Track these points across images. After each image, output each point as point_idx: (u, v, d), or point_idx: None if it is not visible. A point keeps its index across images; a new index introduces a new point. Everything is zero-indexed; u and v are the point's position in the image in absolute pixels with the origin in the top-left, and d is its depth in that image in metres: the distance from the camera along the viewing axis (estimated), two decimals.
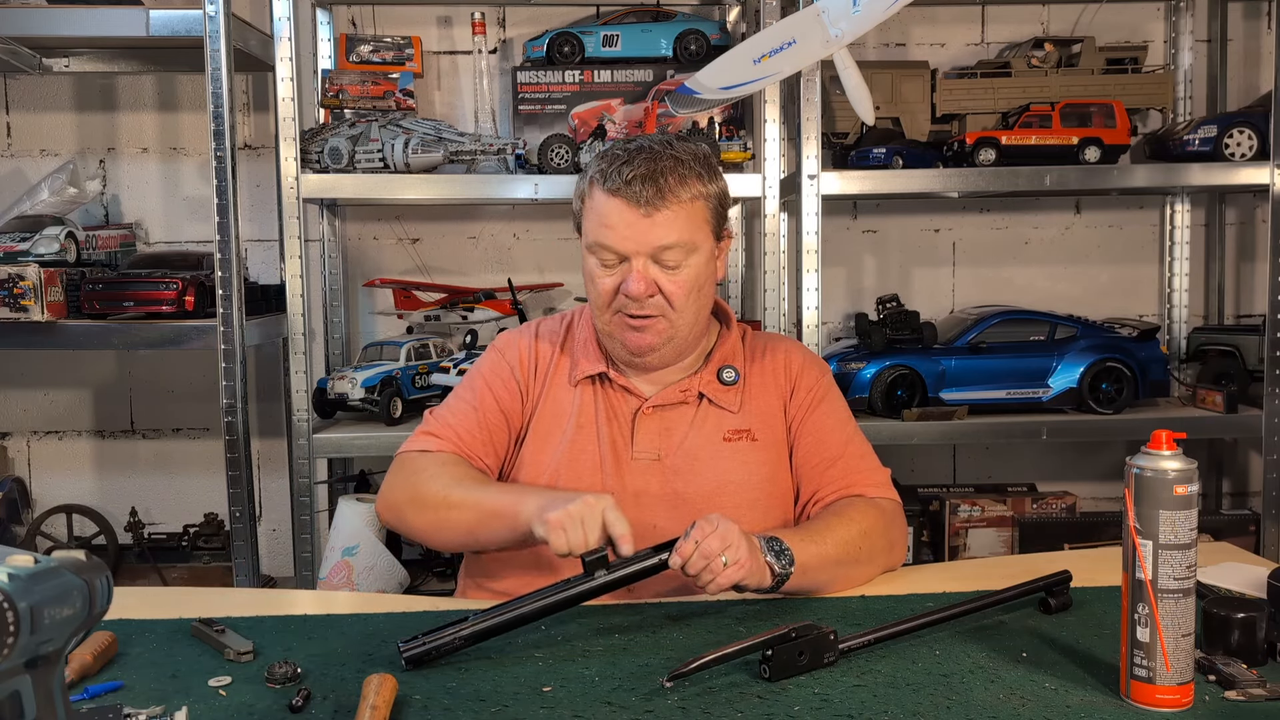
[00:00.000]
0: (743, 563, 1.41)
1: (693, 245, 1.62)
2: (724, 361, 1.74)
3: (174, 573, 2.89)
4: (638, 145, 1.63)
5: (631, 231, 1.59)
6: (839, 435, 1.73)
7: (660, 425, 1.70)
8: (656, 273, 1.61)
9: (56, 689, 0.82)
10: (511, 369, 1.75)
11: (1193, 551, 1.16)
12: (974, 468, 3.19)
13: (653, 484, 1.67)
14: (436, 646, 1.30)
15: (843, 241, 3.12)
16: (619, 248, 1.61)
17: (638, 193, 1.58)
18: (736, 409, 1.71)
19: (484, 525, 1.58)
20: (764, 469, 1.70)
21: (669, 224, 1.59)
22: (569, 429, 1.70)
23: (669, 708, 1.18)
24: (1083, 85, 2.81)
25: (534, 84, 2.86)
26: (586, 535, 1.41)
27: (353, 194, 2.67)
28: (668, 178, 1.59)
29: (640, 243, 1.60)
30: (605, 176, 1.61)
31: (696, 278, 1.63)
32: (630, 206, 1.59)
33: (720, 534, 1.41)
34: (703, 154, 1.66)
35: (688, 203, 1.60)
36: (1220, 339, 2.94)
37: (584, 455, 1.68)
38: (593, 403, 1.71)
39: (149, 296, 2.57)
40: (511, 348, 1.77)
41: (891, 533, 1.66)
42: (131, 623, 1.43)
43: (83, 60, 2.91)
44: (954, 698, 1.20)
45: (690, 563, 1.40)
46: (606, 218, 1.61)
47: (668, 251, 1.60)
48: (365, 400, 2.64)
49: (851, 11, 2.31)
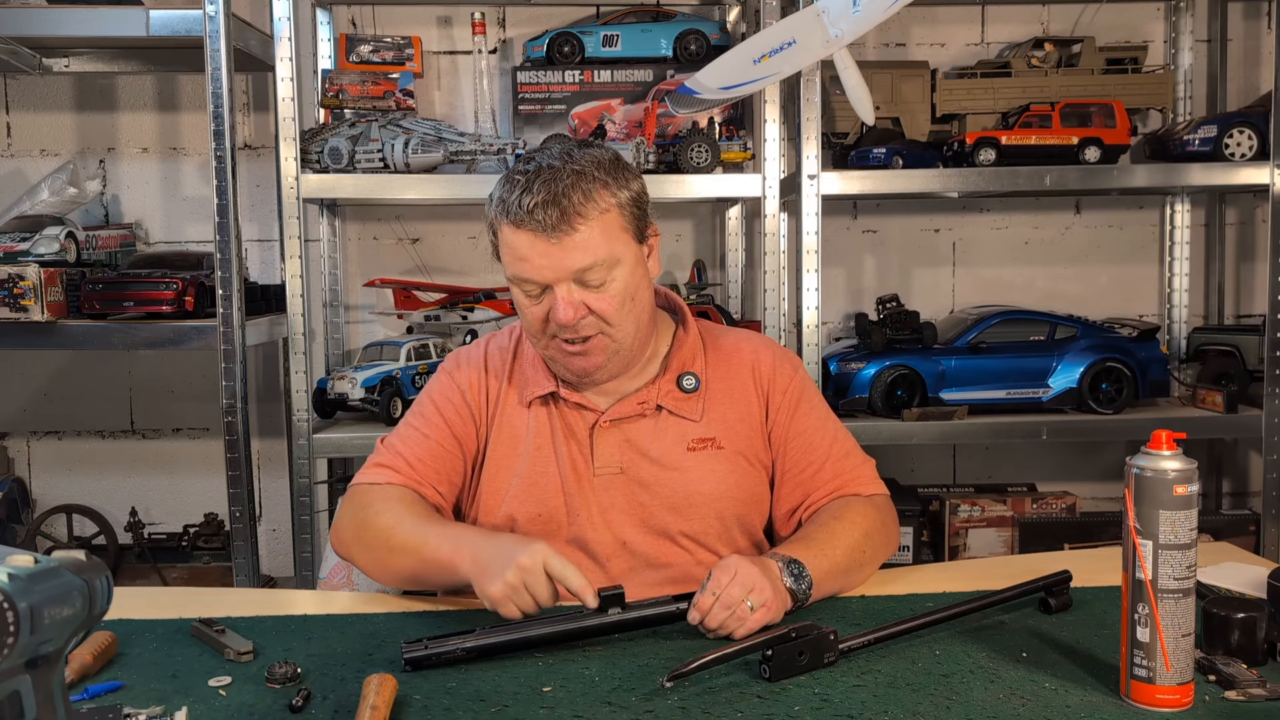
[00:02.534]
0: (769, 604, 1.37)
1: (613, 259, 1.54)
2: (683, 367, 1.67)
3: (174, 573, 2.89)
4: (536, 166, 1.53)
5: (546, 260, 1.51)
6: (823, 436, 1.69)
7: (620, 437, 1.64)
8: (583, 294, 1.53)
9: (56, 689, 0.82)
10: (463, 392, 1.68)
11: (1193, 551, 1.16)
12: (974, 468, 3.19)
13: (618, 499, 1.63)
14: (439, 653, 1.29)
15: (843, 241, 3.12)
16: (537, 278, 1.53)
17: (542, 220, 1.49)
18: (698, 417, 1.65)
19: (425, 571, 1.52)
20: (732, 476, 1.65)
21: (582, 246, 1.51)
22: (526, 450, 1.65)
23: (669, 708, 1.18)
24: (1083, 85, 2.81)
25: (534, 84, 2.86)
26: (536, 597, 1.36)
27: (353, 194, 2.67)
28: (571, 197, 1.50)
29: (557, 270, 1.52)
30: (508, 210, 1.52)
31: (626, 289, 1.56)
32: (538, 236, 1.50)
33: (740, 580, 1.36)
34: (608, 160, 1.57)
35: (597, 219, 1.52)
36: (1220, 339, 2.94)
37: (544, 477, 1.64)
38: (548, 422, 1.66)
39: (149, 296, 2.57)
40: (461, 370, 1.71)
41: (889, 528, 1.66)
42: (131, 623, 1.44)
43: (83, 60, 2.91)
44: (954, 698, 1.20)
45: (710, 616, 1.35)
46: (517, 250, 1.53)
47: (589, 272, 1.52)
48: (365, 400, 2.64)
49: (851, 11, 2.32)
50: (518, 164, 1.58)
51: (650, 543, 1.64)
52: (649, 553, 1.63)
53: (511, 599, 1.36)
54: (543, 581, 1.36)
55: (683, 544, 1.64)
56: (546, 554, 1.37)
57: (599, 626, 1.36)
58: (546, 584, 1.36)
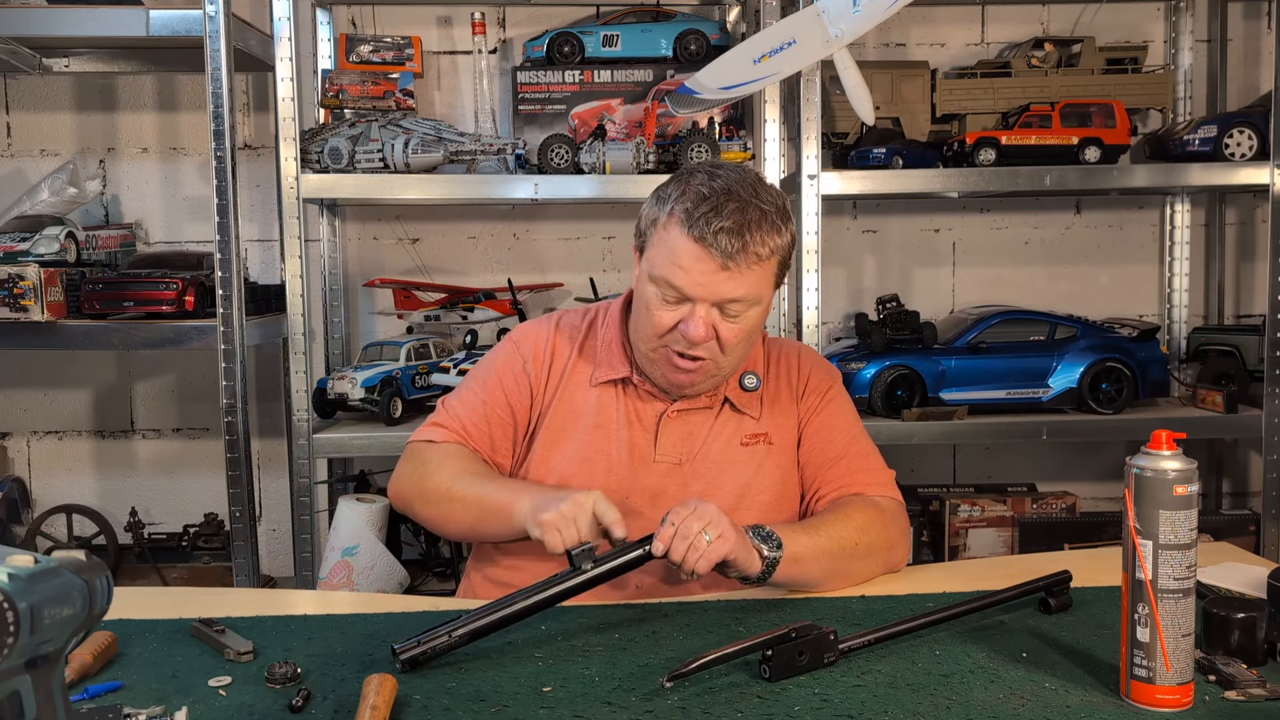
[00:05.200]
0: (726, 535, 1.41)
1: (758, 298, 1.59)
2: (746, 367, 1.73)
3: (174, 573, 2.89)
4: (725, 188, 1.55)
5: (706, 280, 1.54)
6: (844, 435, 1.73)
7: (683, 429, 1.70)
8: (717, 318, 1.58)
9: (56, 689, 0.82)
10: (525, 364, 1.74)
11: (1193, 551, 1.16)
12: (974, 468, 3.19)
13: (671, 487, 1.67)
14: (431, 647, 1.30)
15: (843, 241, 3.12)
16: (689, 292, 1.56)
17: (724, 246, 1.52)
18: (758, 414, 1.72)
19: (484, 521, 1.60)
20: (778, 473, 1.71)
21: (743, 279, 1.55)
22: (584, 429, 1.69)
23: (669, 708, 1.18)
24: (1083, 85, 2.81)
25: (534, 84, 2.86)
26: (580, 531, 1.43)
27: (353, 194, 2.67)
28: (753, 233, 1.53)
29: (711, 292, 1.55)
30: (691, 220, 1.53)
31: (754, 327, 1.62)
32: (710, 256, 1.53)
33: (698, 514, 1.42)
34: (783, 203, 1.60)
35: (766, 260, 1.56)
36: (1220, 339, 2.94)
37: (599, 456, 1.68)
38: (614, 405, 1.71)
39: (149, 296, 2.57)
40: (527, 342, 1.76)
41: (891, 531, 1.65)
42: (131, 623, 1.43)
43: (83, 60, 2.91)
44: (954, 698, 1.20)
45: (673, 549, 1.40)
46: (681, 259, 1.55)
47: (735, 304, 1.57)
48: (365, 400, 2.64)
49: (851, 11, 2.31)
50: (699, 173, 1.59)
51: None
52: None
53: (559, 526, 1.43)
54: (589, 519, 1.44)
55: None
56: (599, 495, 1.47)
57: (578, 585, 1.39)
58: (591, 520, 1.44)
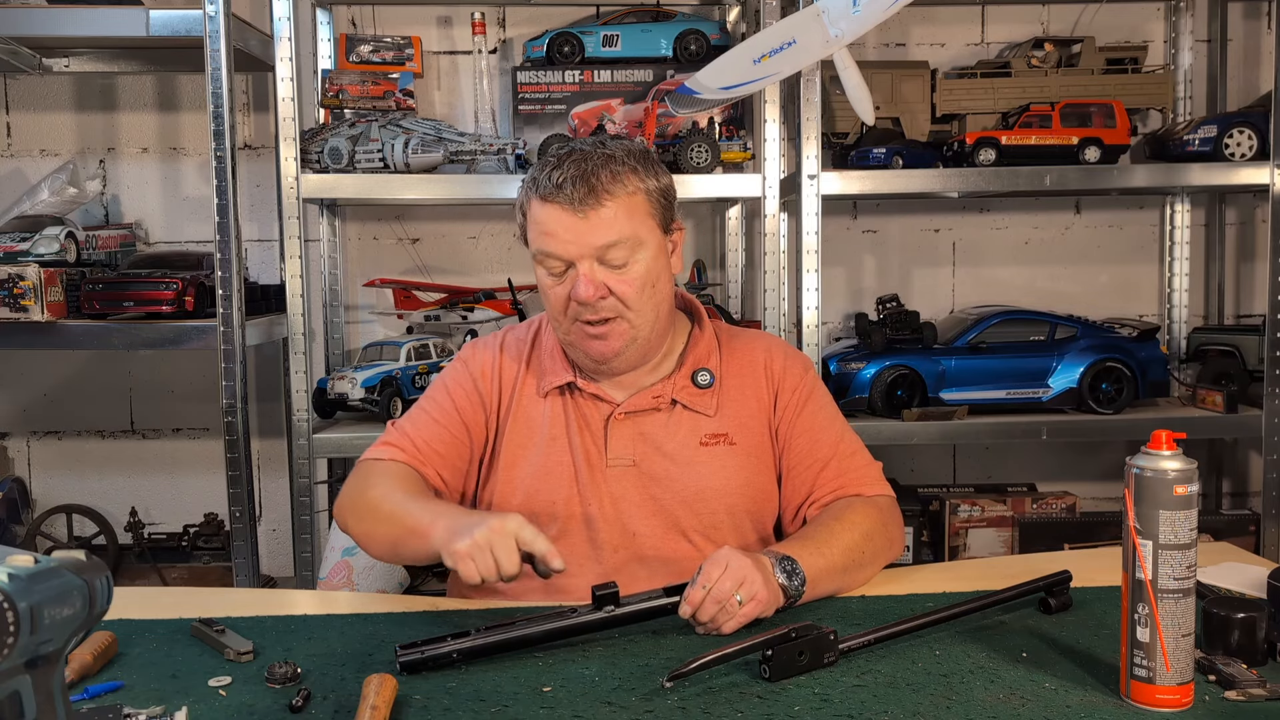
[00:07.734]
0: (759, 598, 1.38)
1: (637, 240, 1.58)
2: (698, 364, 1.70)
3: (174, 573, 2.88)
4: (569, 149, 1.60)
5: (570, 235, 1.55)
6: (829, 434, 1.71)
7: (634, 430, 1.67)
8: (605, 274, 1.57)
9: (56, 689, 0.82)
10: (475, 381, 1.72)
11: (1193, 551, 1.16)
12: (974, 468, 3.19)
13: (630, 490, 1.65)
14: (433, 657, 1.29)
15: (843, 241, 3.12)
16: (561, 253, 1.57)
17: (570, 194, 1.54)
18: (713, 412, 1.68)
19: (403, 541, 1.54)
20: (742, 473, 1.68)
21: (608, 222, 1.55)
22: (541, 443, 1.68)
23: (669, 708, 1.18)
24: (1083, 85, 2.81)
25: (534, 84, 2.86)
26: (498, 562, 1.35)
27: (353, 194, 2.67)
28: (600, 175, 1.55)
29: (581, 245, 1.56)
30: (537, 184, 1.58)
31: (648, 274, 1.59)
32: (565, 210, 1.55)
33: (732, 573, 1.37)
34: (638, 150, 1.63)
35: (624, 198, 1.56)
36: (1220, 339, 2.94)
37: (558, 467, 1.66)
38: (563, 413, 1.69)
39: (149, 296, 2.57)
40: (476, 360, 1.74)
41: (890, 530, 1.65)
42: (131, 623, 1.44)
43: (83, 60, 2.91)
44: (954, 698, 1.20)
45: (702, 610, 1.37)
46: (545, 225, 1.57)
47: (611, 250, 1.56)
48: (365, 400, 2.64)
49: (851, 11, 2.32)
50: (551, 149, 1.65)
51: (660, 536, 1.65)
52: (658, 545, 1.65)
53: (474, 556, 1.35)
54: (510, 547, 1.35)
55: (693, 539, 1.66)
56: (519, 522, 1.38)
57: (594, 623, 1.36)
58: (513, 551, 1.35)
